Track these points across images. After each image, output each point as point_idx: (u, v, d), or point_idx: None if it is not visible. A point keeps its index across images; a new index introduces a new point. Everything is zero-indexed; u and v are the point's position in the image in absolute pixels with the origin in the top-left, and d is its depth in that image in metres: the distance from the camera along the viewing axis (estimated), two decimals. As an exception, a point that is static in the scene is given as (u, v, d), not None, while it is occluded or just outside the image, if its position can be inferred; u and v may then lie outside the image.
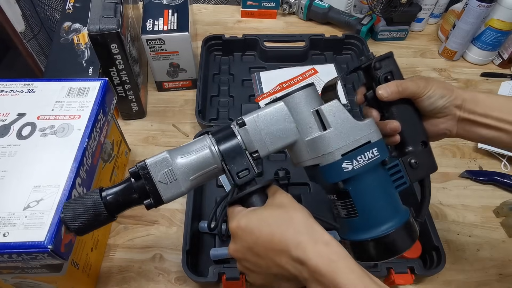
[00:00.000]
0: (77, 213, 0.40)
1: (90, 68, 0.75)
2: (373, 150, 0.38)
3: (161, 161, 0.39)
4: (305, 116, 0.39)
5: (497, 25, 0.87)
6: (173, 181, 0.38)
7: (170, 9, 0.79)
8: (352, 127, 0.38)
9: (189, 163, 0.39)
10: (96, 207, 0.39)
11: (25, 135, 0.50)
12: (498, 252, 0.63)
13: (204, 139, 0.41)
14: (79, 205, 0.40)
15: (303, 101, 0.39)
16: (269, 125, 0.40)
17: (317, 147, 0.38)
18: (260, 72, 0.88)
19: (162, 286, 0.58)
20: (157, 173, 0.38)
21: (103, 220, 0.40)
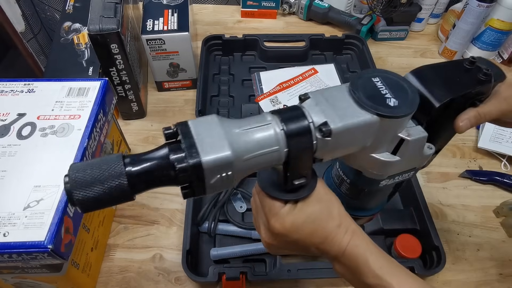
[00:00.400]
0: (88, 180, 0.28)
1: (90, 68, 0.75)
2: (411, 173, 0.38)
3: (222, 165, 0.29)
4: (388, 137, 0.34)
5: (497, 25, 0.87)
6: (226, 183, 0.31)
7: (170, 9, 0.79)
8: (417, 158, 0.36)
9: (253, 165, 0.32)
10: (117, 181, 0.29)
11: (25, 135, 0.50)
12: (498, 252, 0.63)
13: (273, 133, 0.32)
14: (93, 171, 0.29)
15: (400, 125, 0.34)
16: (351, 139, 0.33)
17: (375, 165, 0.35)
18: (260, 72, 0.88)
19: (162, 286, 0.58)
20: (212, 177, 0.30)
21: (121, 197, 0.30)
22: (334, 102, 0.33)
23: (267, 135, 0.31)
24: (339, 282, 0.59)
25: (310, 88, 0.84)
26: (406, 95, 0.34)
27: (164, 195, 0.69)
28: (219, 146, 0.29)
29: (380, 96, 0.33)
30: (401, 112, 0.32)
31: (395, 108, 0.32)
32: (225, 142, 0.29)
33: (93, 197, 0.28)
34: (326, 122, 0.31)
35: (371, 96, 0.33)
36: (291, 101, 0.81)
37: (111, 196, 0.29)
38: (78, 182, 0.28)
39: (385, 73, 0.35)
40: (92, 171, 0.29)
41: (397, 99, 0.33)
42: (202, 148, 0.29)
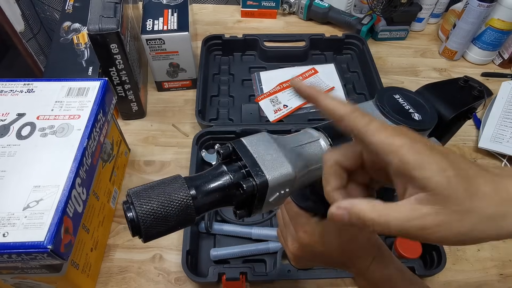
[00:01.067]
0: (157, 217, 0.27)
1: (89, 68, 0.75)
2: None
3: (284, 182, 0.29)
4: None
5: (497, 25, 0.87)
6: (280, 200, 0.31)
7: (170, 9, 0.79)
8: None
9: (304, 182, 0.32)
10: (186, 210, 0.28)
11: (24, 135, 0.50)
12: (499, 252, 0.63)
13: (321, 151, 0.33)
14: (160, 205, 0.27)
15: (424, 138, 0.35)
16: None
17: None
18: (260, 72, 0.88)
19: (162, 286, 0.58)
20: (272, 194, 0.30)
21: (186, 224, 0.29)
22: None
23: (316, 151, 0.32)
24: (339, 282, 0.59)
25: (310, 88, 0.83)
26: (425, 111, 0.38)
27: (164, 195, 0.69)
28: (280, 163, 0.30)
29: (405, 111, 0.37)
30: (426, 125, 0.36)
31: (420, 122, 0.36)
32: (284, 159, 0.30)
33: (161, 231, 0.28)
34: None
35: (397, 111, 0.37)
36: (291, 101, 0.81)
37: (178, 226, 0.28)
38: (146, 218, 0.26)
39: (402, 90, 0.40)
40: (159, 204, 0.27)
41: (420, 114, 0.37)
42: (265, 166, 0.29)
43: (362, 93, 0.86)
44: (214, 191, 0.29)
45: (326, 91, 0.83)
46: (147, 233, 0.27)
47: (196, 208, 0.28)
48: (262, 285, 0.59)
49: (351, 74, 0.90)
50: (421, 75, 0.93)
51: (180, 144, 0.76)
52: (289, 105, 0.80)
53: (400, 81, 0.91)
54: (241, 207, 0.31)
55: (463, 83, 0.43)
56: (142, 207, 0.27)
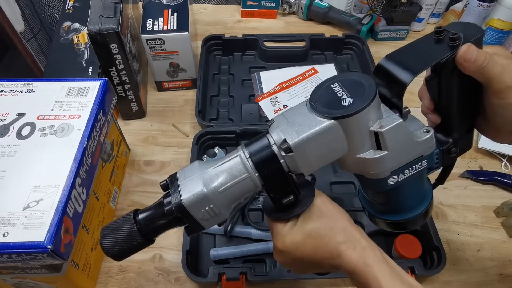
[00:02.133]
0: (114, 241, 0.37)
1: (89, 68, 0.75)
2: (422, 162, 0.37)
3: (200, 200, 0.35)
4: (361, 135, 0.34)
5: (497, 25, 0.87)
6: (216, 215, 0.36)
7: (170, 9, 0.79)
8: (410, 147, 0.35)
9: (230, 195, 0.36)
10: (133, 237, 0.37)
11: (24, 135, 0.50)
12: (499, 252, 0.63)
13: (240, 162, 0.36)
14: (114, 231, 0.37)
15: (364, 120, 0.33)
16: (319, 147, 0.34)
17: (367, 165, 0.36)
18: (260, 72, 0.88)
19: (162, 286, 0.58)
20: (198, 212, 0.35)
21: (141, 246, 0.38)
22: (293, 119, 0.35)
23: (235, 165, 0.36)
24: (339, 282, 0.59)
25: (310, 88, 0.83)
26: (362, 91, 0.34)
27: (164, 195, 0.69)
28: (194, 185, 0.35)
29: (337, 99, 0.34)
30: (355, 108, 0.33)
31: (349, 106, 0.33)
32: (199, 181, 0.35)
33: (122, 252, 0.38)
34: (284, 139, 0.34)
35: (327, 103, 0.34)
36: (291, 101, 0.81)
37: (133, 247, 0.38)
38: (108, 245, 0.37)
39: (345, 76, 0.37)
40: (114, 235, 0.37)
41: (353, 97, 0.34)
42: (183, 190, 0.35)
43: (362, 93, 0.86)
44: (152, 219, 0.37)
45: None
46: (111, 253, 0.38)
47: (143, 234, 0.37)
48: (262, 285, 0.59)
49: (351, 74, 0.90)
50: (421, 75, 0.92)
51: (180, 144, 0.76)
52: (289, 105, 0.80)
53: (400, 81, 0.91)
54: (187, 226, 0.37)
55: (436, 35, 0.35)
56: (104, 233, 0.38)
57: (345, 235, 0.36)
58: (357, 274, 0.34)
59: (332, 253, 0.36)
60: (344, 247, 0.35)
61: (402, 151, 0.35)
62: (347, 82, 0.36)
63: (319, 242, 0.36)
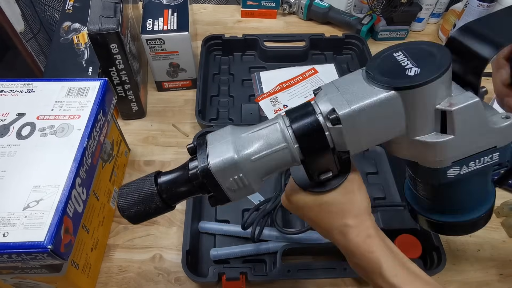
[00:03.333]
0: (132, 202, 0.34)
1: (89, 68, 0.75)
2: (493, 155, 0.31)
3: (229, 167, 0.31)
4: (424, 113, 0.29)
5: (497, 25, 0.87)
6: (244, 186, 0.32)
7: (170, 8, 0.79)
8: (483, 133, 0.29)
9: (263, 166, 0.32)
10: (152, 199, 0.33)
11: (24, 135, 0.50)
12: (499, 252, 0.63)
13: (279, 129, 0.32)
14: (133, 193, 0.34)
15: (431, 95, 0.28)
16: (372, 122, 0.30)
17: (425, 150, 0.30)
18: (260, 72, 0.88)
19: (162, 286, 0.58)
20: (226, 181, 0.31)
21: (160, 211, 0.34)
22: (345, 88, 0.31)
23: (272, 133, 0.32)
24: (339, 282, 0.59)
25: (310, 88, 0.83)
26: (432, 61, 0.28)
27: (164, 195, 0.69)
28: (225, 150, 0.31)
29: (400, 69, 0.29)
30: (422, 79, 0.27)
31: (415, 76, 0.28)
32: (230, 146, 0.31)
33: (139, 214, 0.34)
34: (333, 109, 0.29)
35: (388, 72, 0.29)
36: (291, 101, 0.81)
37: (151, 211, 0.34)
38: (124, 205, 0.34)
39: (413, 44, 0.31)
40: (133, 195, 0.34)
41: (420, 67, 0.28)
42: (211, 154, 0.31)
43: (362, 93, 0.86)
44: (174, 183, 0.34)
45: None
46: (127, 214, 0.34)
47: (163, 198, 0.34)
48: (262, 285, 0.59)
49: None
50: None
51: (180, 144, 0.76)
52: (289, 105, 0.80)
53: (400, 81, 0.91)
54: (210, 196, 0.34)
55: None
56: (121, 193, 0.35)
57: (356, 220, 0.34)
58: (358, 257, 0.34)
59: (334, 230, 0.35)
60: (350, 230, 0.34)
61: (472, 137, 0.29)
62: (414, 50, 0.30)
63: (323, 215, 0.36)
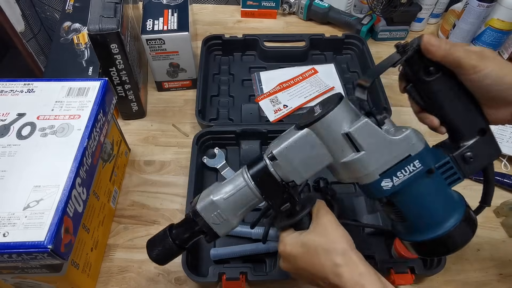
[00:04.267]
0: (156, 250, 0.44)
1: (90, 68, 0.75)
2: (414, 163, 0.37)
3: (209, 206, 0.41)
4: (336, 139, 0.37)
5: (497, 25, 0.87)
6: (225, 221, 0.41)
7: (170, 9, 0.79)
8: (387, 145, 0.36)
9: (233, 203, 0.41)
10: (169, 247, 0.44)
11: (25, 135, 0.50)
12: (498, 252, 0.63)
13: (240, 175, 0.42)
14: (157, 244, 0.44)
15: (332, 124, 0.37)
16: (299, 154, 0.39)
17: (353, 169, 0.38)
18: (260, 72, 0.88)
19: (162, 286, 0.58)
20: (209, 217, 0.41)
21: (177, 253, 0.45)
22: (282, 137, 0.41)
23: (236, 177, 0.42)
24: (339, 282, 0.59)
25: (310, 88, 0.84)
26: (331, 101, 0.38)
27: (164, 195, 0.69)
28: (206, 196, 0.42)
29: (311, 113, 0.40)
30: (320, 114, 0.37)
31: (317, 115, 0.37)
32: (210, 193, 0.42)
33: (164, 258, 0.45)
34: (270, 151, 0.40)
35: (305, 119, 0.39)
36: (291, 101, 0.81)
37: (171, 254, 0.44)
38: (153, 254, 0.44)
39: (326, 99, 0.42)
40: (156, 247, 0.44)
41: (322, 108, 0.39)
42: (199, 202, 0.42)
43: (362, 93, 0.86)
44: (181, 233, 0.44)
45: (326, 91, 0.83)
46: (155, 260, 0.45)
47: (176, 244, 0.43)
48: (262, 285, 0.59)
49: (351, 74, 0.90)
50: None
51: (180, 144, 0.77)
52: (289, 105, 0.80)
53: (400, 81, 0.91)
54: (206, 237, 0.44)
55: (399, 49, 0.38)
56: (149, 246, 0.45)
57: (344, 258, 0.37)
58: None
59: (328, 274, 0.37)
60: (342, 269, 0.37)
61: (380, 150, 0.36)
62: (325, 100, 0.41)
63: (316, 260, 0.39)
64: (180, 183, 0.70)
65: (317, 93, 0.82)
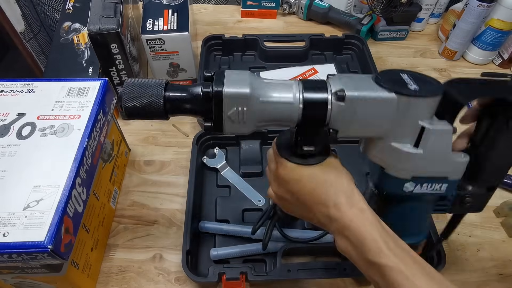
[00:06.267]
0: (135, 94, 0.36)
1: (90, 68, 0.75)
2: (443, 185, 0.37)
3: (239, 98, 0.34)
4: (408, 123, 0.34)
5: (497, 25, 0.87)
6: (240, 122, 0.35)
7: (170, 9, 0.79)
8: (443, 159, 0.35)
9: (265, 113, 0.35)
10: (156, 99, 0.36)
11: (25, 135, 0.50)
12: (498, 252, 0.63)
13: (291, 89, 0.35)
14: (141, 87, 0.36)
15: (419, 109, 0.34)
16: (367, 113, 0.34)
17: (396, 157, 0.35)
18: (260, 72, 0.88)
19: (162, 286, 0.58)
20: (230, 109, 0.34)
21: (156, 114, 0.36)
22: (356, 80, 0.35)
23: (285, 88, 0.35)
24: (339, 282, 0.59)
25: (310, 88, 0.83)
26: (430, 86, 0.34)
27: (164, 195, 0.69)
28: (240, 84, 0.34)
29: (403, 82, 0.34)
30: (420, 93, 0.32)
31: (414, 90, 0.33)
32: (246, 83, 0.34)
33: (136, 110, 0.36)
34: (342, 88, 0.33)
35: (393, 82, 0.34)
36: (291, 101, 0.81)
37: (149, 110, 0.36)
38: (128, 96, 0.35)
39: (415, 73, 0.36)
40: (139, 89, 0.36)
41: (419, 86, 0.33)
42: (227, 83, 0.34)
43: (362, 93, 0.86)
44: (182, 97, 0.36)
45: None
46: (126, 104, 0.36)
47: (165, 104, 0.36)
48: (262, 285, 0.59)
49: (351, 74, 0.90)
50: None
51: (180, 144, 0.77)
52: (289, 105, 0.80)
53: (400, 81, 0.91)
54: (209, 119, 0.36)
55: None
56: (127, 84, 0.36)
57: (347, 193, 0.36)
58: (351, 231, 0.34)
59: (328, 202, 0.36)
60: (343, 201, 0.36)
61: (435, 159, 0.35)
62: (417, 76, 0.35)
63: (321, 187, 0.37)
64: (180, 183, 0.70)
65: (317, 93, 0.82)
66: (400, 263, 0.32)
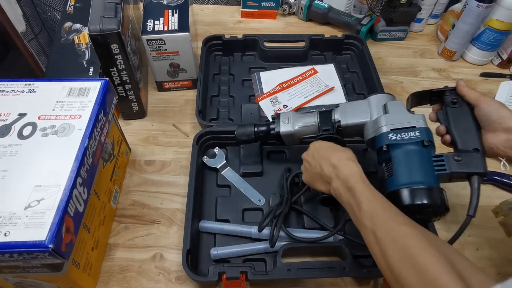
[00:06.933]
0: (242, 133, 0.67)
1: (90, 68, 0.75)
2: (415, 132, 0.52)
3: (288, 133, 0.64)
4: (376, 106, 0.58)
5: (496, 26, 0.87)
6: (288, 123, 0.64)
7: (171, 9, 0.79)
8: (404, 115, 0.54)
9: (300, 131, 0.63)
10: (251, 135, 0.67)
11: (26, 135, 0.51)
12: (497, 252, 0.63)
13: (314, 118, 0.63)
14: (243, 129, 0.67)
15: (380, 99, 0.58)
16: (352, 108, 0.60)
17: (377, 123, 0.55)
18: (260, 72, 0.89)
19: (163, 286, 0.59)
20: (284, 137, 0.65)
21: (253, 141, 0.68)
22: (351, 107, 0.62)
23: (310, 118, 0.63)
24: (339, 281, 0.59)
25: (310, 88, 0.84)
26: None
27: (165, 195, 0.69)
28: (287, 125, 0.64)
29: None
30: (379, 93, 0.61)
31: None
32: (290, 122, 0.64)
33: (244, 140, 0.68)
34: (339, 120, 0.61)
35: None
36: (291, 101, 0.81)
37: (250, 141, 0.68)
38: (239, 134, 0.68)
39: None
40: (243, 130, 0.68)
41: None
42: (281, 126, 0.65)
43: (362, 93, 0.86)
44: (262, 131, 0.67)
45: (326, 91, 0.83)
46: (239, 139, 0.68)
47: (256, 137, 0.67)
48: (262, 284, 0.59)
49: (350, 74, 0.91)
50: (420, 75, 0.93)
51: (180, 144, 0.77)
52: (289, 105, 0.81)
53: (399, 81, 0.92)
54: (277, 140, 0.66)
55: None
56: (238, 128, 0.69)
57: (346, 158, 0.51)
58: (344, 174, 0.48)
59: (331, 157, 0.52)
60: (342, 161, 0.51)
61: (399, 116, 0.54)
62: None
63: (330, 151, 0.54)
64: (180, 183, 0.70)
65: (317, 93, 0.83)
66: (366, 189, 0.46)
